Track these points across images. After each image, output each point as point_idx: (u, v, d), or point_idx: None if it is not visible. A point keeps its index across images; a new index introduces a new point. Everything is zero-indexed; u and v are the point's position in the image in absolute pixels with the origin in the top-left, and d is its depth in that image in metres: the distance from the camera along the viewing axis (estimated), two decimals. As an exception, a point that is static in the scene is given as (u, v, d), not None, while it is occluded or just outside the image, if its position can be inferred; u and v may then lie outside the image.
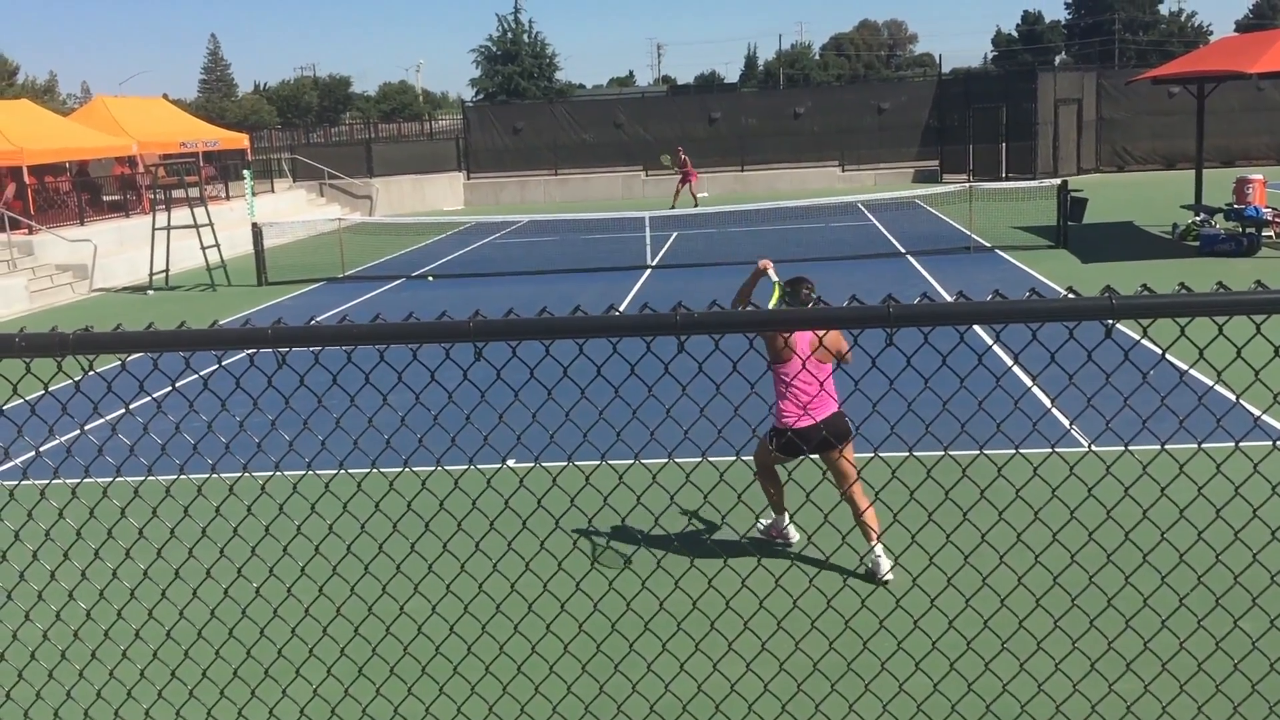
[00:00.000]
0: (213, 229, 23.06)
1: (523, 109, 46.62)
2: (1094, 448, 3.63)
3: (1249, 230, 19.12)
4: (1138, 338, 2.38)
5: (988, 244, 21.74)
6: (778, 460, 7.09)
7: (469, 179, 42.66)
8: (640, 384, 3.00)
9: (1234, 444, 3.03)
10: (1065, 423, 9.13)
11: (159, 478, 3.37)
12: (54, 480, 3.39)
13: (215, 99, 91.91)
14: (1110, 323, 2.33)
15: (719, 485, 5.16)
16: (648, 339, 2.53)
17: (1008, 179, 34.89)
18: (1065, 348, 2.84)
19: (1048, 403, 9.43)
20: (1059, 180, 22.69)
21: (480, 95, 67.31)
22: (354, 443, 3.52)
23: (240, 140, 37.75)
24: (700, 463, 3.50)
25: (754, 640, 4.24)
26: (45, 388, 3.03)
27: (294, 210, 35.65)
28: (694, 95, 50.99)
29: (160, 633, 4.20)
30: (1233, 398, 3.85)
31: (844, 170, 40.49)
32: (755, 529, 7.46)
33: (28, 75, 72.33)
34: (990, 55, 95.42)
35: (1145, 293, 2.33)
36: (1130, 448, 3.17)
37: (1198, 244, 19.54)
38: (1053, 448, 3.72)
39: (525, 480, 3.67)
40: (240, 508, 3.66)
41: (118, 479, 3.34)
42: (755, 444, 7.00)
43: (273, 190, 37.15)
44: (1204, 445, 3.53)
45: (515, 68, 66.22)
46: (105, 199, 30.73)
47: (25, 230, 24.83)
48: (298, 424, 3.44)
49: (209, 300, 21.43)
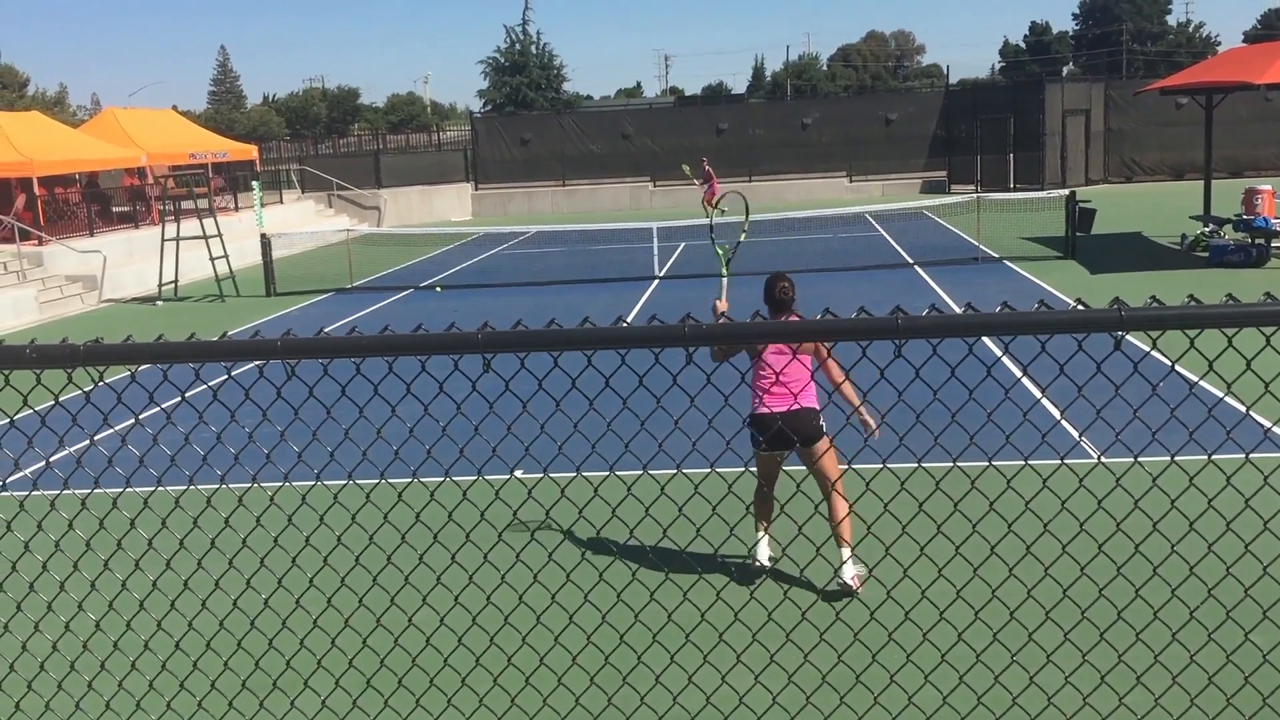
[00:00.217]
0: (221, 240, 23.13)
1: (530, 120, 46.73)
2: (1103, 459, 3.62)
3: (1258, 241, 19.08)
4: (1147, 349, 2.37)
5: (995, 255, 21.72)
6: (762, 467, 7.00)
7: (477, 190, 42.76)
8: (648, 395, 3.00)
9: (1244, 456, 3.02)
10: (1075, 435, 9.10)
11: (168, 488, 3.38)
12: (64, 491, 3.40)
13: (224, 110, 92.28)
14: (1120, 335, 2.33)
15: (727, 497, 5.16)
16: (656, 350, 2.53)
17: (1015, 190, 34.86)
18: (1074, 359, 2.84)
19: (1057, 414, 9.41)
20: (1067, 191, 22.67)
21: (488, 106, 67.48)
22: (363, 454, 3.52)
23: (249, 151, 37.90)
24: (709, 474, 3.50)
25: (762, 652, 4.23)
26: (55, 399, 3.04)
27: (302, 221, 35.75)
28: (701, 106, 51.13)
29: (169, 644, 4.21)
30: (1243, 409, 3.84)
31: (851, 181, 40.50)
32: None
33: (38, 87, 72.65)
34: (998, 66, 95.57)
35: (1154, 305, 2.32)
36: (1140, 459, 3.16)
37: (1207, 255, 19.50)
38: (1062, 459, 3.71)
39: (534, 491, 3.67)
40: (249, 519, 3.66)
41: (127, 490, 3.35)
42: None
43: (281, 201, 37.27)
44: (1214, 457, 3.52)
45: (523, 79, 66.37)
46: (115, 210, 30.87)
47: (35, 241, 24.94)
48: (306, 435, 3.45)
49: (218, 311, 21.48)
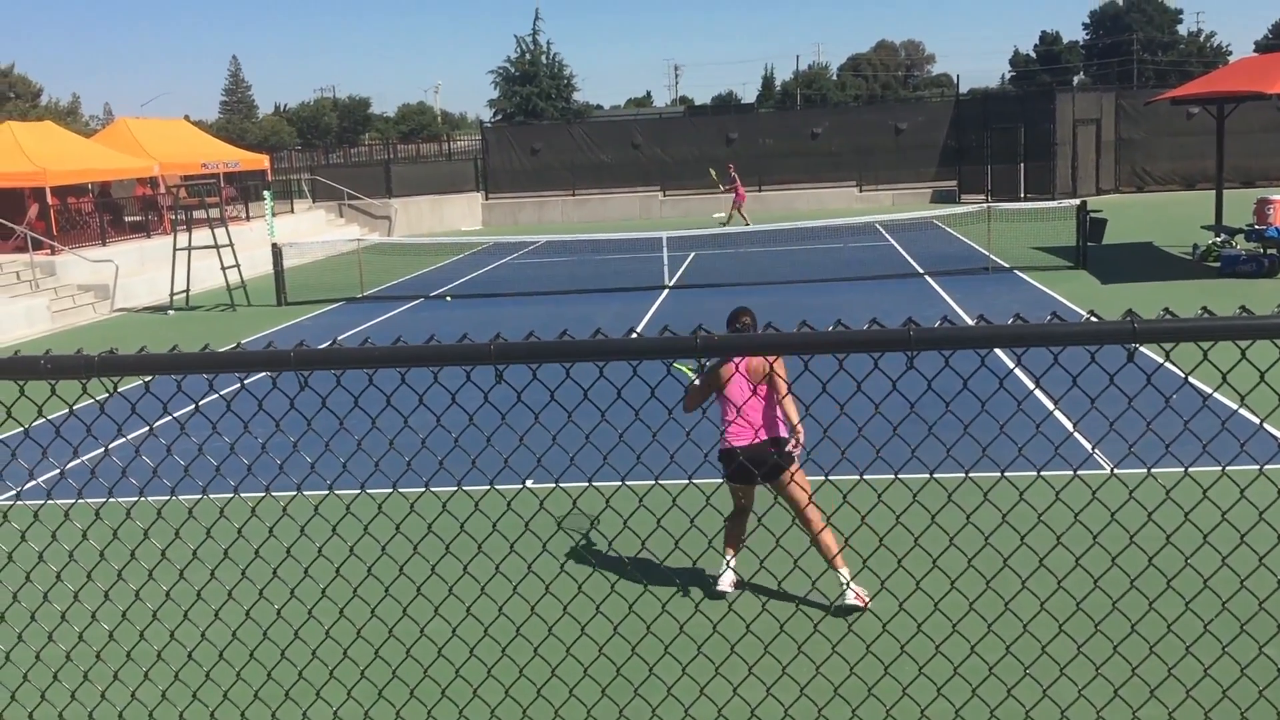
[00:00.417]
0: (233, 249, 23.21)
1: (541, 130, 46.83)
2: (1116, 471, 3.61)
3: (1270, 251, 19.01)
4: (1160, 361, 2.37)
5: (1006, 264, 21.68)
6: (734, 497, 6.95)
7: (487, 199, 42.85)
8: (660, 406, 3.00)
9: (1258, 468, 3.01)
10: (1087, 446, 9.07)
11: (181, 498, 3.39)
12: (78, 500, 3.41)
13: (236, 120, 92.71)
14: (1133, 347, 2.33)
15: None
16: (668, 361, 2.53)
17: (1026, 199, 34.82)
18: (1086, 371, 2.83)
19: (1069, 426, 9.38)
20: (1078, 201, 22.62)
21: (498, 116, 67.66)
22: (375, 464, 3.53)
23: (260, 161, 38.05)
24: (720, 485, 3.50)
25: (774, 664, 4.22)
26: (70, 409, 3.05)
27: (313, 231, 35.86)
28: (711, 116, 51.18)
29: (182, 654, 4.21)
30: (1256, 421, 3.83)
31: (861, 190, 40.49)
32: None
33: (51, 97, 73.06)
34: (1008, 75, 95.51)
35: (1168, 317, 2.32)
36: (1153, 471, 3.15)
37: (1218, 265, 19.45)
38: (1075, 471, 3.70)
39: (545, 502, 3.67)
40: (262, 529, 3.67)
41: (140, 499, 3.36)
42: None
43: (292, 211, 37.39)
44: (1228, 469, 3.51)
45: (533, 89, 66.54)
46: (127, 220, 30.98)
47: (48, 251, 25.06)
48: (319, 445, 3.46)
49: (229, 320, 21.55)
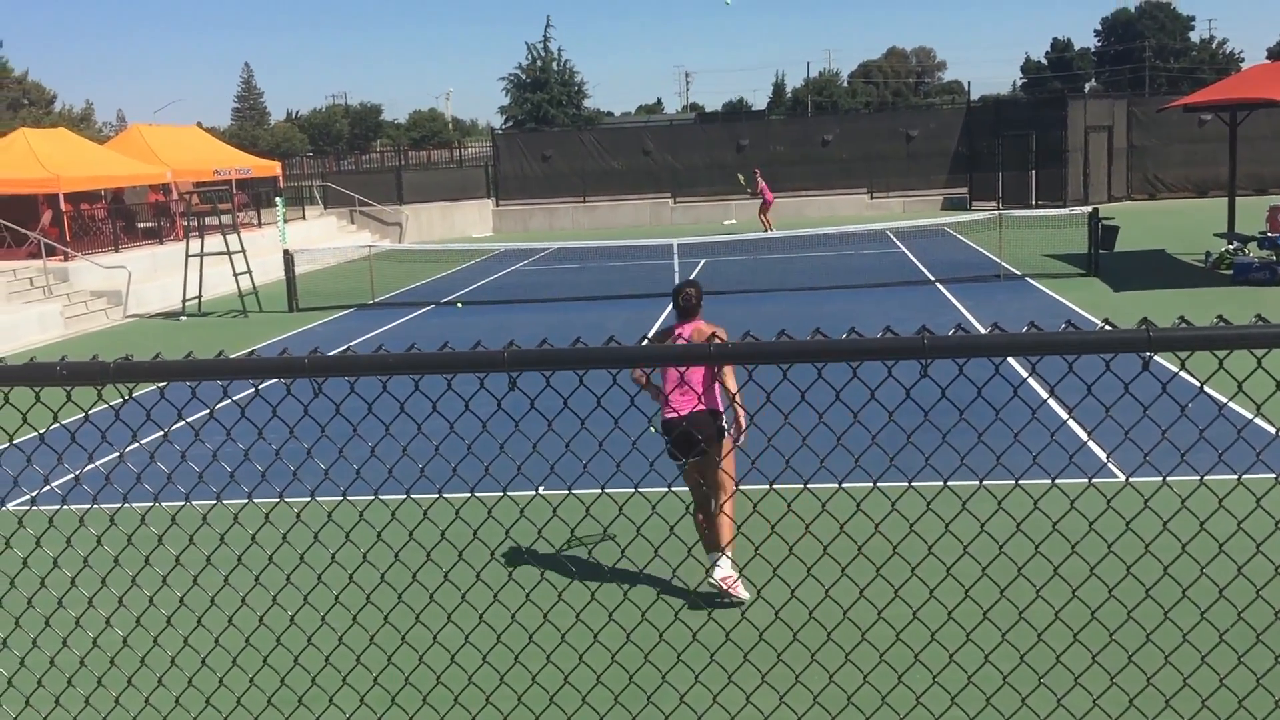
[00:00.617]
0: (245, 256, 23.29)
1: (551, 136, 46.91)
2: (1131, 480, 3.60)
3: (1283, 258, 18.95)
4: (1175, 370, 2.36)
5: (1018, 272, 21.64)
6: (687, 481, 6.90)
7: (498, 206, 42.93)
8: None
9: (1275, 477, 2.99)
10: (1102, 455, 9.04)
11: (195, 503, 3.40)
12: (93, 506, 3.42)
13: (248, 127, 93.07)
14: (1148, 355, 2.32)
15: (752, 516, 5.14)
16: (682, 370, 2.53)
17: (1037, 206, 34.76)
18: (1100, 379, 2.82)
19: (1083, 435, 9.35)
20: (1090, 208, 22.57)
21: (509, 123, 67.81)
22: (389, 471, 3.54)
23: (272, 168, 38.17)
24: (734, 492, 3.50)
25: (787, 672, 4.21)
26: (85, 415, 3.06)
27: (325, 237, 35.96)
28: (722, 123, 51.19)
29: (196, 659, 4.22)
30: (1273, 430, 3.81)
31: (872, 198, 40.47)
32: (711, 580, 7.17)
33: (65, 104, 73.45)
34: (1019, 82, 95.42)
35: (1183, 325, 2.31)
36: (1168, 480, 3.14)
37: (1231, 273, 19.38)
38: (1089, 480, 3.69)
39: (559, 509, 3.67)
40: (275, 534, 3.68)
41: (155, 505, 3.37)
42: (786, 476, 6.98)
43: (304, 217, 37.50)
44: (1244, 477, 3.49)
45: (544, 95, 66.68)
46: (139, 226, 31.12)
47: (61, 257, 25.17)
48: (333, 451, 3.47)
49: (241, 326, 21.61)
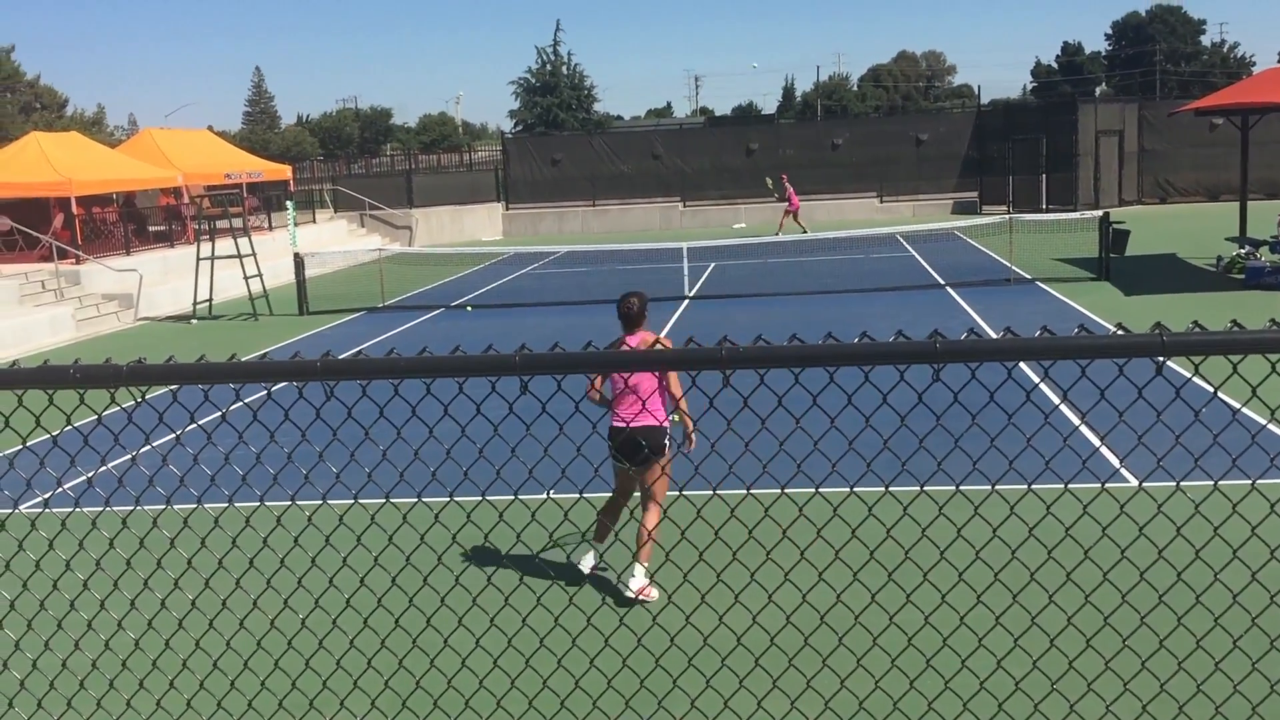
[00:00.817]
0: (255, 259, 23.35)
1: (561, 140, 46.96)
2: (1144, 485, 3.58)
3: (1295, 263, 18.88)
4: (1188, 375, 2.35)
5: (1028, 276, 21.59)
6: (617, 478, 7.04)
7: (507, 210, 42.98)
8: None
9: (1290, 483, 2.98)
10: (1114, 460, 9.01)
11: (207, 506, 3.40)
12: (105, 509, 3.43)
13: (259, 131, 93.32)
14: (1161, 360, 2.31)
15: (764, 520, 5.13)
16: (693, 373, 2.53)
17: (1048, 210, 34.68)
18: (1113, 384, 2.81)
19: (1096, 440, 9.31)
20: (1100, 212, 22.51)
21: (519, 127, 67.89)
22: (400, 474, 3.54)
23: (283, 171, 38.28)
24: (745, 497, 3.50)
25: (799, 677, 4.20)
26: (98, 417, 3.07)
27: (335, 240, 36.04)
28: (732, 126, 51.20)
29: (207, 662, 4.23)
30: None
31: (882, 201, 40.42)
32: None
33: (77, 107, 73.79)
34: (1030, 86, 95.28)
35: (1197, 330, 2.30)
36: (1182, 485, 3.12)
37: (1243, 277, 19.31)
38: (1103, 485, 3.67)
39: (570, 513, 3.67)
40: (287, 537, 3.68)
41: (167, 507, 3.37)
42: (794, 481, 6.98)
43: (314, 221, 37.57)
44: (1258, 482, 3.47)
45: (554, 99, 66.76)
46: (151, 229, 31.22)
47: (73, 260, 25.26)
48: (344, 454, 3.47)
49: (251, 329, 21.66)
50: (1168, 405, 2.96)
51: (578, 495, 4.23)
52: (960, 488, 3.28)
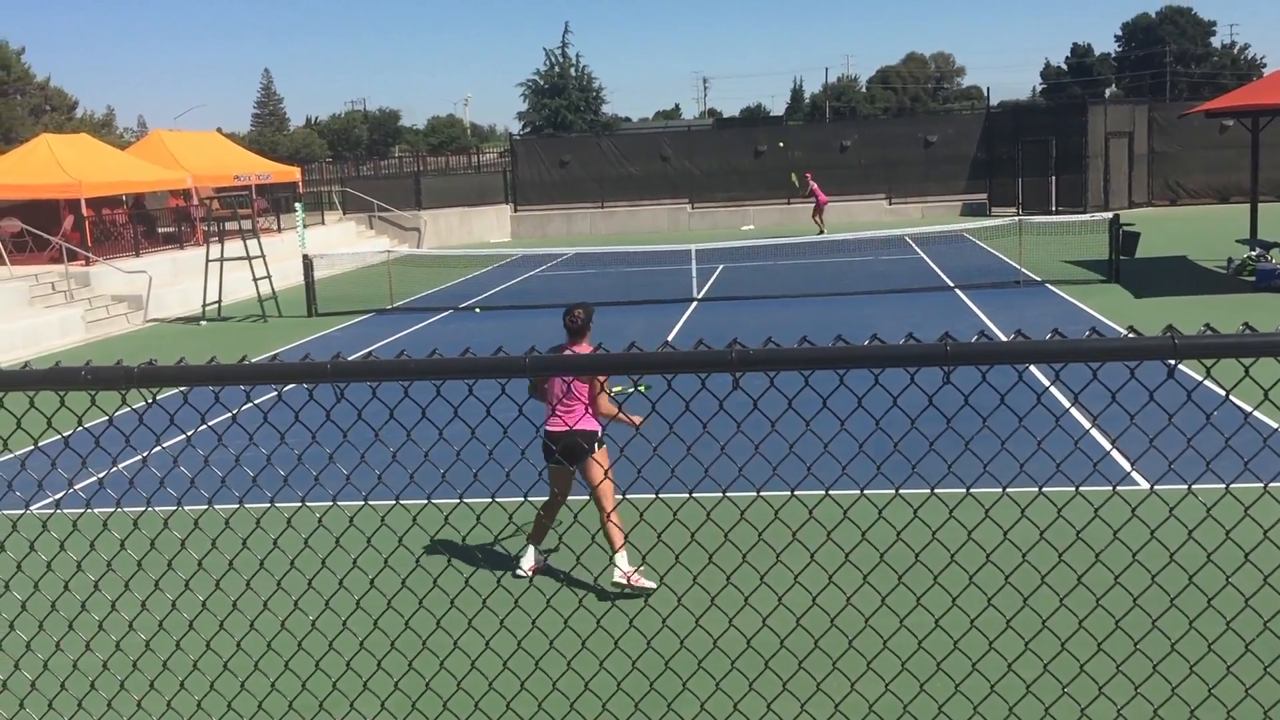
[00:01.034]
0: (264, 261, 23.40)
1: (569, 142, 46.99)
2: (1156, 488, 3.57)
3: (1306, 265, 18.82)
4: (1200, 378, 2.34)
5: (1037, 278, 21.54)
6: (551, 479, 7.14)
7: (516, 211, 43.01)
8: (695, 420, 3.00)
9: (1303, 487, 2.97)
10: (1125, 464, 8.99)
11: (217, 507, 3.41)
12: (117, 510, 3.44)
13: (268, 133, 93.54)
14: (1173, 363, 2.30)
15: (774, 523, 5.12)
16: (703, 376, 2.53)
17: (1057, 212, 34.60)
18: (1124, 387, 2.80)
19: (1107, 443, 9.29)
20: (1110, 214, 22.45)
21: (527, 128, 67.95)
22: (410, 476, 3.54)
23: (292, 173, 38.36)
24: (755, 499, 3.49)
25: (809, 680, 4.20)
26: (110, 419, 3.07)
27: (344, 242, 36.10)
28: (740, 128, 51.14)
29: (217, 663, 4.23)
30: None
31: (891, 203, 40.36)
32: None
33: (86, 109, 73.90)
34: (1039, 88, 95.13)
35: (1209, 333, 2.29)
36: (1193, 488, 3.11)
37: (1253, 279, 19.26)
38: (1114, 488, 3.66)
39: (579, 516, 3.66)
40: (297, 538, 3.69)
41: (178, 509, 3.38)
42: (808, 484, 6.99)
43: (323, 222, 37.65)
44: (1270, 486, 3.46)
45: (562, 101, 66.80)
46: (160, 231, 31.30)
47: (82, 261, 25.34)
48: (354, 455, 3.47)
49: (260, 331, 21.70)
50: (1179, 408, 2.94)
51: (586, 498, 4.23)
52: (971, 490, 3.27)
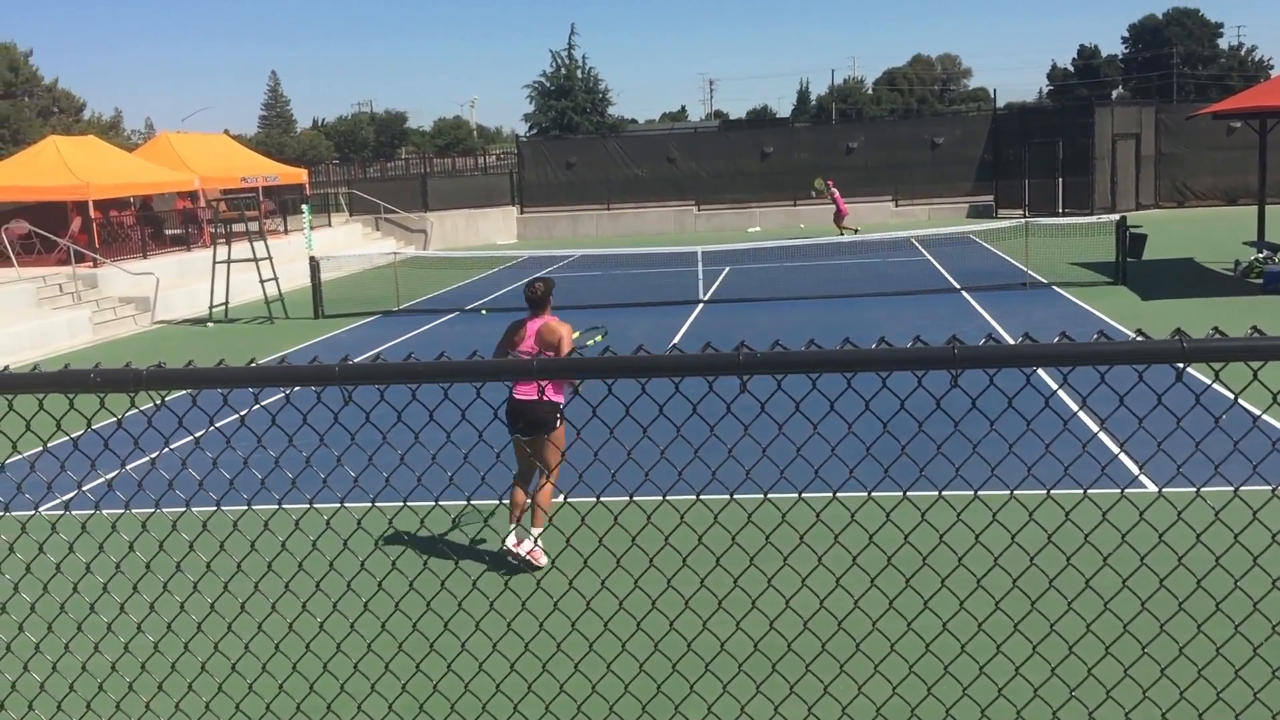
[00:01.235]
0: (271, 262, 23.44)
1: (576, 144, 46.99)
2: (1164, 491, 3.56)
3: (1314, 267, 18.77)
4: (1209, 381, 2.33)
5: (1044, 280, 21.51)
6: (516, 451, 7.38)
7: (522, 213, 43.03)
8: (702, 423, 3.00)
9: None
10: (1134, 467, 8.97)
11: (226, 509, 3.41)
12: (126, 511, 3.44)
13: (275, 134, 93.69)
14: (1181, 366, 2.30)
15: (781, 526, 5.12)
16: (710, 379, 2.53)
17: (1064, 214, 34.55)
18: (1133, 390, 2.80)
19: (1115, 447, 9.27)
20: (1117, 216, 22.42)
21: (534, 130, 67.97)
22: (418, 479, 3.54)
23: (299, 175, 38.41)
24: (763, 502, 3.49)
25: (816, 683, 4.19)
26: (119, 421, 3.08)
27: (350, 244, 36.14)
28: (746, 130, 51.12)
29: (225, 665, 4.24)
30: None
31: (897, 205, 40.32)
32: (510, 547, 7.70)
33: (94, 112, 74.20)
34: (1046, 89, 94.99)
35: (1217, 336, 2.29)
36: (1201, 491, 3.11)
37: (1261, 281, 19.22)
38: (1122, 491, 3.66)
39: (587, 518, 3.67)
40: (305, 541, 3.69)
41: (186, 511, 3.39)
42: (808, 485, 6.99)
43: (330, 224, 37.71)
44: (1279, 489, 3.45)
45: (568, 103, 66.82)
46: (167, 233, 31.37)
47: (90, 263, 25.40)
48: (362, 458, 3.48)
49: (267, 332, 21.74)
50: (1188, 412, 2.94)
51: (594, 500, 4.23)
52: (979, 493, 3.27)
